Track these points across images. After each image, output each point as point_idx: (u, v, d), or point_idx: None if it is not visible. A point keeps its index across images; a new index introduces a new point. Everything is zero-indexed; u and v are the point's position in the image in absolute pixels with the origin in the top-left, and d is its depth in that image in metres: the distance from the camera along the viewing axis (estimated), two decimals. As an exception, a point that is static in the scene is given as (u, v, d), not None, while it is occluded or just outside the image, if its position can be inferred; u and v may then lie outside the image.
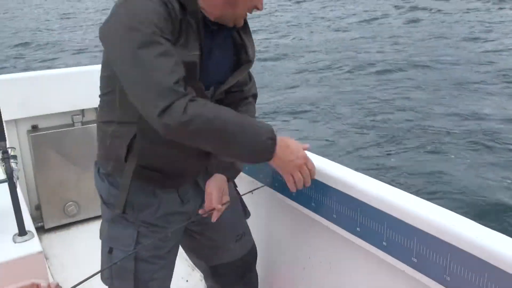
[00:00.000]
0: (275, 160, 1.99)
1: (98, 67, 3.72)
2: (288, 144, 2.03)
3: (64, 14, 43.73)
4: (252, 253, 2.70)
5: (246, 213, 2.67)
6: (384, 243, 2.08)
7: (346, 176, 2.28)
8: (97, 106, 3.00)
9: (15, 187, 2.75)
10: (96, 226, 4.29)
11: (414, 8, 25.10)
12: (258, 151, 1.95)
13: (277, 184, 2.68)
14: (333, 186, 2.31)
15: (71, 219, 4.90)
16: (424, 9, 24.60)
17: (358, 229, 2.21)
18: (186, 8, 1.92)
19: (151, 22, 1.81)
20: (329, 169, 2.35)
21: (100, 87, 2.22)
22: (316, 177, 2.27)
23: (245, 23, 2.14)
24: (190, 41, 1.95)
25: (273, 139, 1.94)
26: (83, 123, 4.84)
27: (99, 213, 3.78)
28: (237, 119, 1.90)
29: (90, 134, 4.74)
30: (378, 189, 2.13)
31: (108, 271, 2.28)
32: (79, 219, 4.93)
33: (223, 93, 2.21)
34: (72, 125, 4.80)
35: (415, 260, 1.94)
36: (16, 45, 25.36)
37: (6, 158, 2.83)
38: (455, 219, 1.84)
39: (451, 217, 1.86)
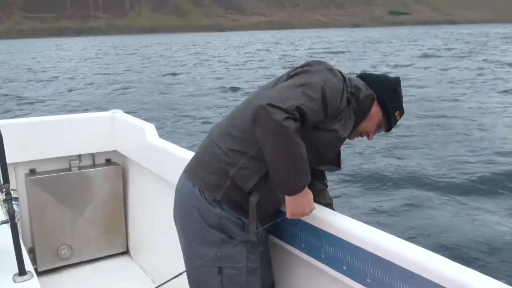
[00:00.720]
0: (292, 199, 2.44)
1: (95, 114, 4.62)
2: (308, 197, 2.48)
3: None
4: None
5: None
6: (368, 280, 2.31)
7: (335, 220, 2.53)
8: (92, 152, 3.99)
9: (17, 228, 2.86)
10: (88, 269, 4.69)
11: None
12: (292, 184, 2.41)
13: (286, 236, 2.86)
14: (323, 229, 2.54)
15: (64, 262, 4.89)
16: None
17: (344, 267, 2.44)
18: (353, 103, 2.61)
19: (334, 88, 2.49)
20: (320, 214, 2.60)
21: (240, 122, 2.58)
22: (308, 220, 2.59)
23: None
24: (347, 126, 2.60)
25: (304, 187, 2.43)
26: (79, 168, 4.92)
27: (92, 257, 4.50)
28: (302, 158, 2.36)
29: (86, 178, 4.88)
30: (364, 231, 2.40)
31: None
32: (71, 262, 4.92)
33: None
34: (69, 169, 4.88)
35: None
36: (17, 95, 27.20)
37: (9, 199, 2.98)
38: (434, 258, 2.10)
39: (431, 256, 2.11)
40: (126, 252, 5.22)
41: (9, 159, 3.14)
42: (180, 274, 2.46)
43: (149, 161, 4.54)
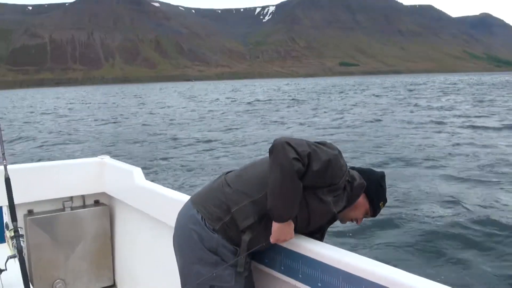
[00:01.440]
0: (279, 226, 2.86)
1: (85, 160, 5.69)
2: (291, 226, 2.90)
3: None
4: None
5: None
6: None
7: (314, 247, 2.90)
8: (83, 194, 5.04)
9: (25, 262, 3.07)
10: None
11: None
12: (282, 212, 2.82)
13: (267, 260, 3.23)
14: (301, 252, 2.92)
15: None
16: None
17: (319, 284, 2.78)
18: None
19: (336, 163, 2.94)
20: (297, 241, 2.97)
21: (257, 173, 3.03)
22: (287, 246, 2.98)
23: None
24: (338, 205, 3.04)
25: (290, 217, 2.86)
26: (72, 208, 5.33)
27: None
28: (296, 195, 2.82)
29: (78, 218, 5.29)
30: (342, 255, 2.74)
31: None
32: None
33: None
34: (63, 210, 5.29)
35: None
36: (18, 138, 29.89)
37: (17, 236, 3.28)
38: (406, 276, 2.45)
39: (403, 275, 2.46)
40: (113, 286, 5.56)
41: (4, 201, 3.44)
42: None
43: (136, 201, 4.88)
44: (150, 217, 4.59)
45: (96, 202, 5.59)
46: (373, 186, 3.18)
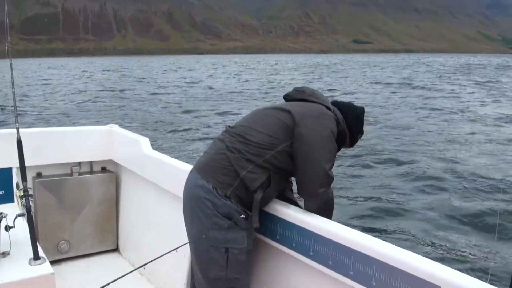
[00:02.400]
0: None
1: (94, 127, 5.98)
2: None
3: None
4: None
5: None
6: (351, 272, 2.78)
7: (305, 216, 3.13)
8: (90, 160, 5.44)
9: (32, 220, 3.24)
10: (83, 263, 5.57)
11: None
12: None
13: (264, 229, 3.43)
14: (293, 222, 3.15)
15: (63, 255, 5.45)
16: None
17: (311, 253, 3.02)
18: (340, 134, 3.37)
19: (334, 133, 3.22)
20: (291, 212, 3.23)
21: (255, 138, 3.19)
22: (282, 216, 3.25)
23: None
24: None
25: None
26: (80, 174, 5.52)
27: (87, 252, 5.59)
28: (332, 209, 3.26)
29: (85, 183, 5.50)
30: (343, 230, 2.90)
31: (223, 266, 3.14)
32: (69, 256, 5.50)
33: None
34: (71, 174, 5.49)
35: (374, 283, 2.60)
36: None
37: (27, 195, 3.47)
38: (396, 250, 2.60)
39: (399, 250, 2.60)
40: (116, 249, 5.79)
41: (16, 163, 3.63)
42: (178, 247, 3.46)
43: (142, 169, 5.10)
44: (155, 185, 4.75)
45: (103, 169, 5.80)
46: (353, 121, 3.48)
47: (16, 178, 5.11)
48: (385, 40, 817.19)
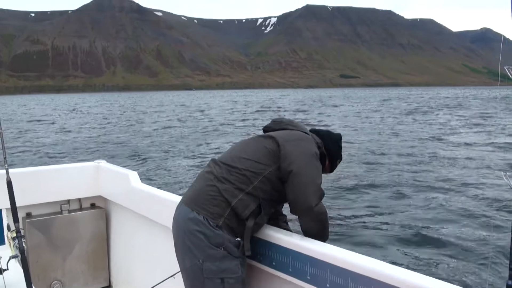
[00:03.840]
0: None
1: (82, 164, 5.90)
2: None
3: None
4: None
5: None
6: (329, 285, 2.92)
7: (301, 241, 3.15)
8: (79, 197, 5.38)
9: (27, 262, 3.14)
10: None
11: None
12: (327, 238, 3.23)
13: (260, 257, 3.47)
14: (289, 247, 3.17)
15: None
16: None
17: (308, 277, 3.03)
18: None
19: (317, 153, 3.30)
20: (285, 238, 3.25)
21: (242, 164, 3.24)
22: (277, 242, 3.27)
23: None
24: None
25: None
26: (69, 211, 5.46)
27: None
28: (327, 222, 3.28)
29: (75, 221, 5.44)
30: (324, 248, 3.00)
31: None
32: None
33: None
34: (61, 212, 5.41)
35: None
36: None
37: (19, 237, 3.37)
38: (376, 263, 2.69)
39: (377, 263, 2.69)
40: (108, 286, 5.73)
41: (6, 204, 3.60)
42: (171, 276, 3.28)
43: (132, 203, 5.05)
44: (146, 219, 4.73)
45: (92, 205, 5.74)
46: (332, 146, 3.57)
47: (6, 219, 5.08)
48: (371, 75, 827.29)
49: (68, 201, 5.53)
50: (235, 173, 3.21)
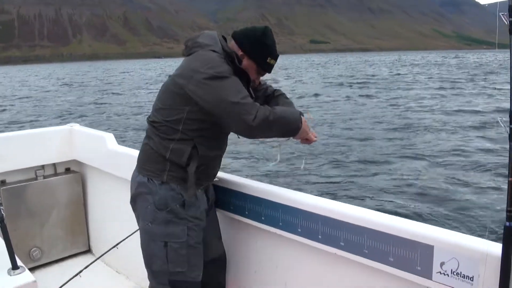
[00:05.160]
0: (298, 135, 3.11)
1: (54, 128, 5.65)
2: (305, 129, 3.13)
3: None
4: (225, 254, 3.63)
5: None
6: (319, 236, 2.87)
7: (291, 194, 3.09)
8: (54, 162, 5.11)
9: (6, 229, 3.10)
10: (57, 268, 5.40)
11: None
12: (296, 127, 3.05)
13: (232, 207, 3.48)
14: (280, 202, 3.11)
15: (36, 263, 5.27)
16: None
17: (299, 229, 2.98)
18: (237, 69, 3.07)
19: (224, 71, 2.91)
20: (276, 191, 3.19)
21: (163, 114, 3.09)
22: (267, 197, 3.20)
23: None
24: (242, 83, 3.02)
25: (300, 120, 3.07)
26: (44, 177, 5.34)
27: (59, 257, 5.39)
28: (284, 111, 3.02)
29: (50, 186, 5.33)
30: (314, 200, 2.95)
31: (163, 260, 3.11)
32: (42, 263, 5.33)
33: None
34: (36, 179, 5.28)
35: (366, 251, 2.66)
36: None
37: None
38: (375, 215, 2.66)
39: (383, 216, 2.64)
40: (88, 251, 5.64)
41: None
42: (119, 243, 3.32)
43: (110, 166, 4.93)
44: (124, 181, 4.32)
45: (67, 170, 5.59)
46: (252, 46, 3.19)
47: None
48: (341, 40, 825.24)
49: (43, 167, 5.39)
50: (159, 127, 3.12)
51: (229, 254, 3.61)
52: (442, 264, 2.28)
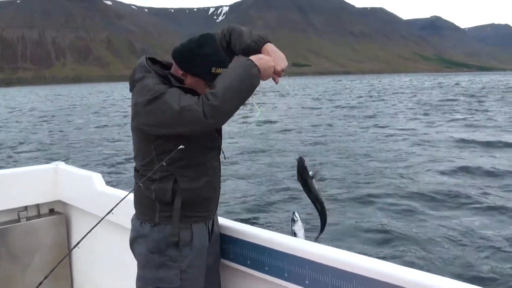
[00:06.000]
0: (261, 74, 2.80)
1: (38, 167, 5.45)
2: (264, 59, 2.84)
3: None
4: None
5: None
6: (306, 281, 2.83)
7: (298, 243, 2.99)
8: (37, 203, 4.75)
9: None
10: None
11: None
12: (251, 81, 2.75)
13: (232, 255, 3.37)
14: (267, 246, 3.05)
15: None
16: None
17: (307, 281, 2.86)
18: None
19: (160, 90, 2.77)
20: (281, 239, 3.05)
21: (139, 160, 3.04)
22: (252, 240, 3.14)
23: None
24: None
25: (251, 66, 2.76)
26: (27, 219, 5.09)
27: None
28: (226, 81, 2.74)
29: (33, 228, 5.07)
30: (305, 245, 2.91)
31: None
32: None
33: None
34: (18, 220, 5.02)
35: None
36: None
37: None
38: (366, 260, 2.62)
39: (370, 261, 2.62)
40: None
41: None
42: None
43: (96, 207, 4.66)
44: (111, 223, 4.22)
45: (51, 211, 5.37)
46: (188, 62, 2.93)
47: None
48: (324, 63, 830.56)
49: (26, 208, 5.15)
50: (141, 171, 3.03)
51: None
52: None
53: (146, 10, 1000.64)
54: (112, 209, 2.72)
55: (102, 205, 4.46)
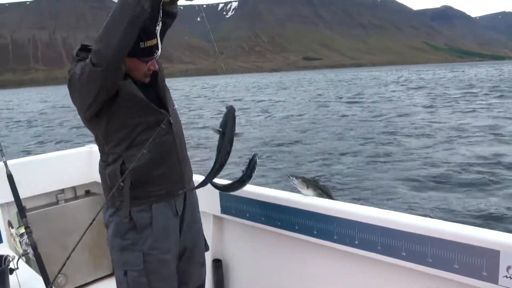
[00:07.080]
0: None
1: (73, 150, 5.54)
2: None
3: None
4: (204, 284, 3.39)
5: (206, 247, 3.39)
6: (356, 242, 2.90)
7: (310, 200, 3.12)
8: (73, 185, 4.96)
9: (41, 257, 3.08)
10: None
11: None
12: (131, 7, 2.50)
13: (248, 214, 3.47)
14: (296, 207, 3.15)
15: None
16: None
17: (315, 231, 3.01)
18: None
19: (83, 72, 2.63)
20: (293, 198, 3.19)
21: (98, 148, 3.00)
22: (282, 203, 3.22)
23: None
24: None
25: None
26: (66, 201, 5.31)
27: (84, 281, 5.23)
28: (107, 20, 2.59)
29: (71, 210, 5.26)
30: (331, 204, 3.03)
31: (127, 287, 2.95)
32: None
33: None
34: (57, 203, 5.24)
35: (430, 260, 2.64)
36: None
37: (29, 232, 3.23)
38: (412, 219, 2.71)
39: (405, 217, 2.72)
40: (112, 274, 5.50)
41: (3, 199, 3.41)
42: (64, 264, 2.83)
43: None
44: None
45: (87, 192, 5.56)
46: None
47: (6, 215, 4.95)
48: (334, 56, 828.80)
49: (63, 190, 5.37)
50: (100, 158, 3.03)
51: (250, 262, 3.65)
52: (508, 268, 2.27)
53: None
54: None
55: None
